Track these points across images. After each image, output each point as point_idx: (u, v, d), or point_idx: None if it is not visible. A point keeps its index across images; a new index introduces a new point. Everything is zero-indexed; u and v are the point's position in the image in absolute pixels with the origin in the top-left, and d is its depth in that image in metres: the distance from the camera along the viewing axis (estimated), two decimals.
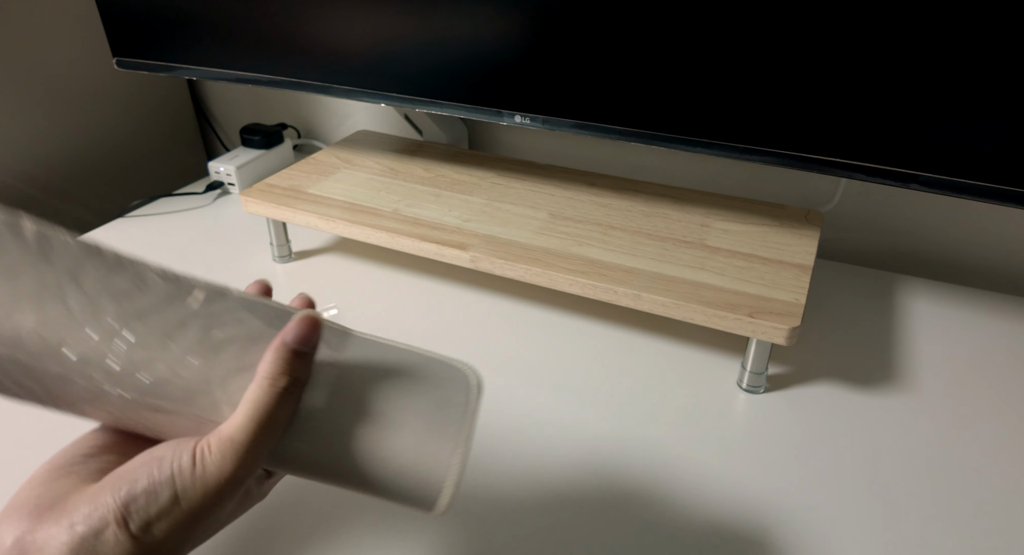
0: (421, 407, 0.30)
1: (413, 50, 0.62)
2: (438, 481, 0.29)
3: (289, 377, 0.27)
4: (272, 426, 0.27)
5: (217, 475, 0.25)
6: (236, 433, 0.26)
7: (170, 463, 0.25)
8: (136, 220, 0.82)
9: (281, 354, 0.27)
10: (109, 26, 0.75)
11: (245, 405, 0.26)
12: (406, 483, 0.29)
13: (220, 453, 0.25)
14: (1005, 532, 0.44)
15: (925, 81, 0.47)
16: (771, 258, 0.58)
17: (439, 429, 0.29)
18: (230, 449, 0.25)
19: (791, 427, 0.52)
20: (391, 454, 0.29)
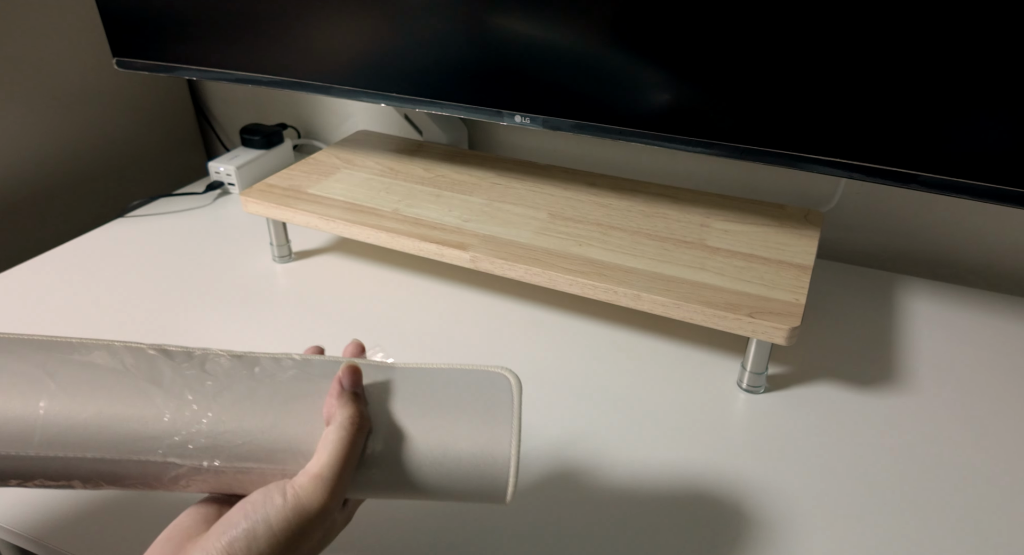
0: (471, 414, 0.33)
1: (413, 50, 0.62)
2: (502, 475, 0.32)
3: (359, 416, 0.32)
4: (352, 460, 0.31)
5: (311, 506, 0.30)
6: (324, 470, 0.30)
7: (263, 504, 0.29)
8: (136, 220, 0.82)
9: (348, 398, 0.32)
10: (109, 26, 0.75)
11: (328, 446, 0.31)
12: (474, 484, 0.32)
13: (313, 487, 0.30)
14: (1005, 532, 0.44)
15: (925, 81, 0.47)
16: (771, 258, 0.58)
17: (491, 429, 0.32)
18: (321, 484, 0.30)
19: (791, 427, 0.52)
20: (455, 462, 0.32)
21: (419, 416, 0.33)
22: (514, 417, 0.33)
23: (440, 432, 0.32)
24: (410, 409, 0.33)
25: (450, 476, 0.32)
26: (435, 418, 0.33)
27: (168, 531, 0.31)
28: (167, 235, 0.78)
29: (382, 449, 0.32)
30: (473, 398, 0.33)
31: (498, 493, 0.32)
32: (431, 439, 0.32)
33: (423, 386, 0.34)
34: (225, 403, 0.32)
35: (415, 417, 0.33)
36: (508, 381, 0.34)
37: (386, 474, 0.32)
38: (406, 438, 0.32)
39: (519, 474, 0.32)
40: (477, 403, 0.33)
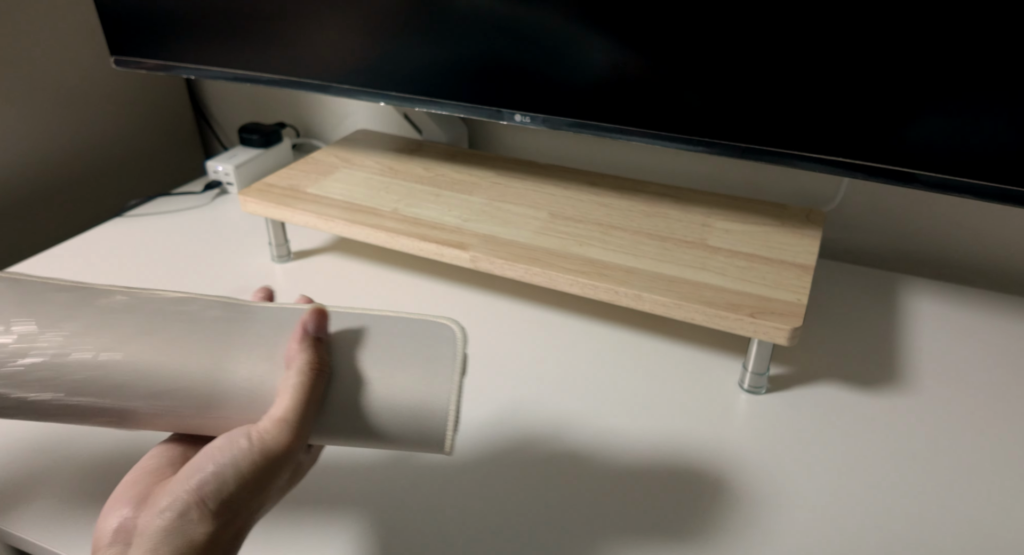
0: (416, 364, 0.34)
1: (413, 49, 0.62)
2: (441, 426, 0.33)
3: (320, 361, 0.32)
4: (314, 403, 0.32)
5: (277, 449, 0.30)
6: (287, 413, 0.31)
7: (229, 448, 0.30)
8: (134, 219, 0.82)
9: (309, 343, 0.33)
10: (107, 25, 0.74)
11: (290, 390, 0.31)
12: (415, 433, 0.34)
13: (277, 430, 0.30)
14: (1006, 531, 0.43)
15: (927, 81, 0.47)
16: (773, 258, 0.57)
17: (433, 380, 0.34)
18: (285, 427, 0.30)
19: (793, 428, 0.51)
20: (398, 411, 0.33)
21: (372, 365, 0.34)
22: (455, 370, 0.34)
23: (389, 382, 0.33)
24: (364, 357, 0.34)
25: (398, 426, 0.33)
26: (385, 368, 0.34)
27: (133, 473, 0.31)
28: (165, 234, 0.78)
29: (338, 396, 0.33)
30: (420, 348, 0.34)
31: (437, 442, 0.34)
32: (381, 389, 0.33)
33: (375, 334, 0.35)
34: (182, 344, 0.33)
35: (368, 366, 0.34)
36: (453, 332, 0.35)
37: (341, 421, 0.33)
38: (360, 387, 0.33)
39: (458, 425, 0.34)
40: (422, 354, 0.34)
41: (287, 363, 0.33)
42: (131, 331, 0.33)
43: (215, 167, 0.86)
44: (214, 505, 0.29)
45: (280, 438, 0.30)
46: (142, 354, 0.32)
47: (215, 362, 0.33)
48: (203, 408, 0.32)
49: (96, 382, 0.32)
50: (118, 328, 0.33)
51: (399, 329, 0.35)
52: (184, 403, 0.32)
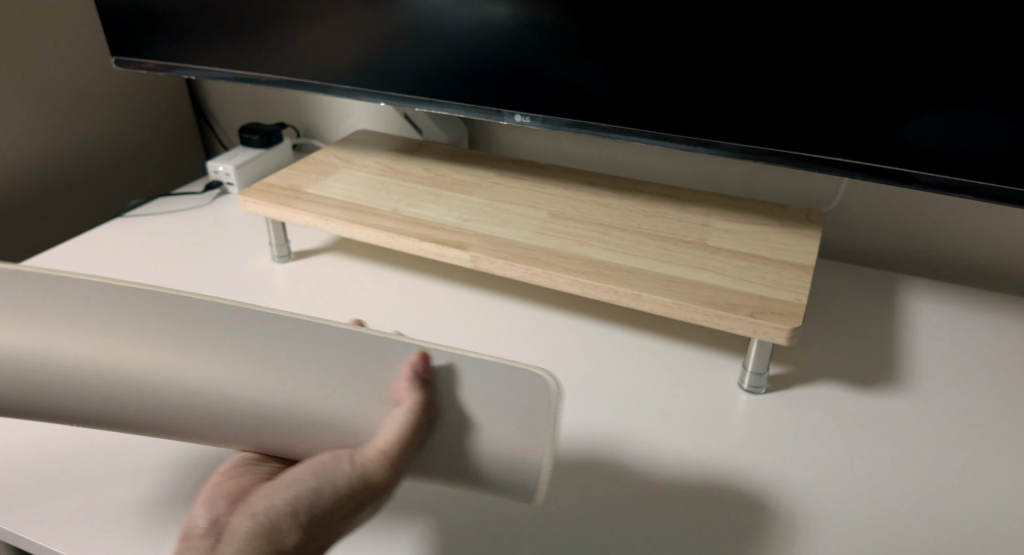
0: (513, 414, 0.35)
1: (413, 49, 0.62)
2: (533, 476, 0.34)
3: (428, 403, 0.33)
4: (416, 443, 0.32)
5: (376, 479, 0.31)
6: (391, 447, 0.31)
7: (331, 467, 0.30)
8: (134, 219, 0.82)
9: (419, 384, 0.34)
10: (107, 25, 0.74)
11: (396, 426, 0.32)
12: (507, 480, 0.34)
13: (379, 461, 0.31)
14: (1005, 531, 0.43)
15: (926, 81, 0.47)
16: (772, 258, 0.57)
17: (530, 432, 0.34)
18: (386, 460, 0.31)
19: (793, 427, 0.51)
20: (495, 459, 0.34)
21: (472, 411, 0.35)
22: (551, 424, 0.34)
23: (489, 429, 0.34)
24: (464, 402, 0.35)
25: (492, 474, 0.34)
26: (484, 414, 0.34)
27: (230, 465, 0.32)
28: (166, 235, 0.78)
29: (439, 437, 0.34)
30: (517, 397, 0.35)
31: (528, 494, 0.34)
32: (480, 435, 0.34)
33: (473, 378, 0.35)
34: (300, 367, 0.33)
35: (468, 411, 0.34)
36: (548, 385, 0.35)
37: (439, 462, 0.34)
38: (460, 431, 0.34)
39: (549, 479, 0.34)
40: (519, 403, 0.35)
41: (396, 400, 0.33)
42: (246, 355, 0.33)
43: (216, 167, 0.86)
44: (306, 519, 0.29)
45: (380, 469, 0.31)
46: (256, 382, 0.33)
47: (322, 392, 0.33)
48: (306, 434, 0.33)
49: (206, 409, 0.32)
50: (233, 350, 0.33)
51: (497, 375, 0.35)
52: (290, 428, 0.33)
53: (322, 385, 0.33)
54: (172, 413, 0.32)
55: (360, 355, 0.35)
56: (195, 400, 0.32)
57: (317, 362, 0.34)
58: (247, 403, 0.33)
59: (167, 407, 0.32)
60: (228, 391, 0.33)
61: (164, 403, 0.32)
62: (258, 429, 0.33)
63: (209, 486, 0.31)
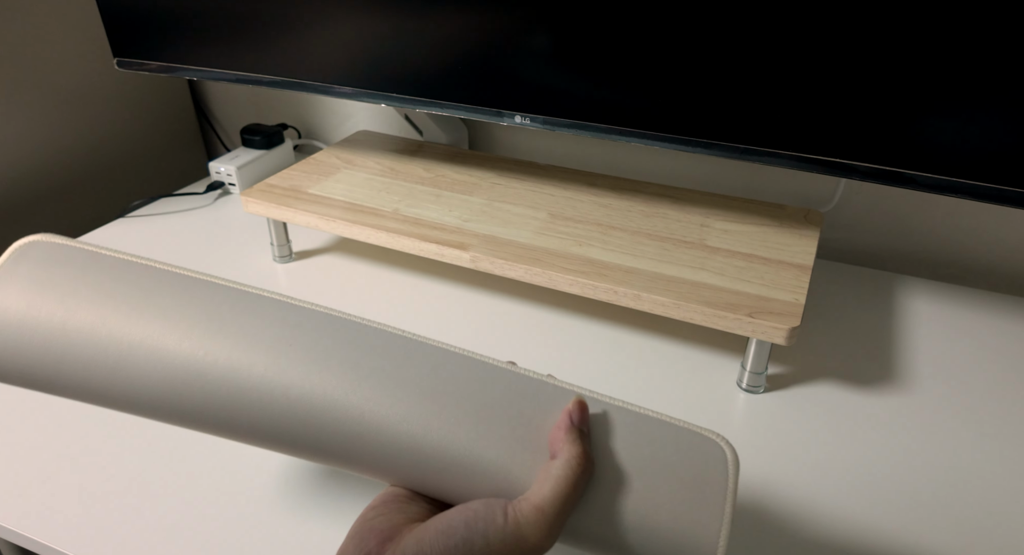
0: (681, 482, 0.31)
1: (413, 50, 0.62)
2: None
3: (587, 457, 0.30)
4: (574, 501, 0.30)
5: (529, 536, 0.29)
6: (545, 504, 0.29)
7: (483, 518, 0.29)
8: (137, 220, 0.82)
9: (577, 436, 0.31)
10: (110, 26, 0.75)
11: (553, 481, 0.29)
12: None
13: (534, 518, 0.29)
14: (1005, 531, 0.44)
15: (924, 81, 0.47)
16: (771, 258, 0.58)
17: (700, 507, 0.30)
18: (540, 517, 0.29)
19: (791, 427, 0.52)
20: (657, 532, 0.30)
21: (633, 473, 0.31)
22: (726, 500, 0.30)
23: (651, 496, 0.30)
24: (625, 461, 0.31)
25: (652, 548, 0.30)
26: (647, 479, 0.31)
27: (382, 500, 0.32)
28: (168, 235, 0.79)
29: (595, 498, 0.31)
30: (686, 464, 0.31)
31: None
32: (641, 503, 0.30)
33: (635, 436, 0.32)
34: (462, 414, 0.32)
35: (629, 473, 0.31)
36: (724, 454, 0.31)
37: (593, 526, 0.31)
38: (619, 494, 0.31)
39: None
40: (689, 471, 0.31)
41: (552, 451, 0.31)
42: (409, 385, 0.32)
43: (217, 168, 0.87)
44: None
45: (534, 526, 0.29)
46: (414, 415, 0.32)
47: (476, 433, 0.31)
48: (457, 476, 0.31)
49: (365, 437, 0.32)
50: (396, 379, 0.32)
51: (663, 435, 0.32)
52: (441, 467, 0.31)
53: (477, 424, 0.31)
54: (332, 437, 0.32)
55: (516, 397, 0.32)
56: (355, 427, 0.31)
57: (474, 400, 0.32)
58: (404, 436, 0.31)
59: (328, 431, 0.31)
60: (388, 421, 0.31)
61: (326, 427, 0.31)
62: (411, 465, 0.31)
63: (360, 521, 0.30)
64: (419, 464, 0.31)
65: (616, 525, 0.30)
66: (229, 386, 0.32)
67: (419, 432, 0.31)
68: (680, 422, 0.33)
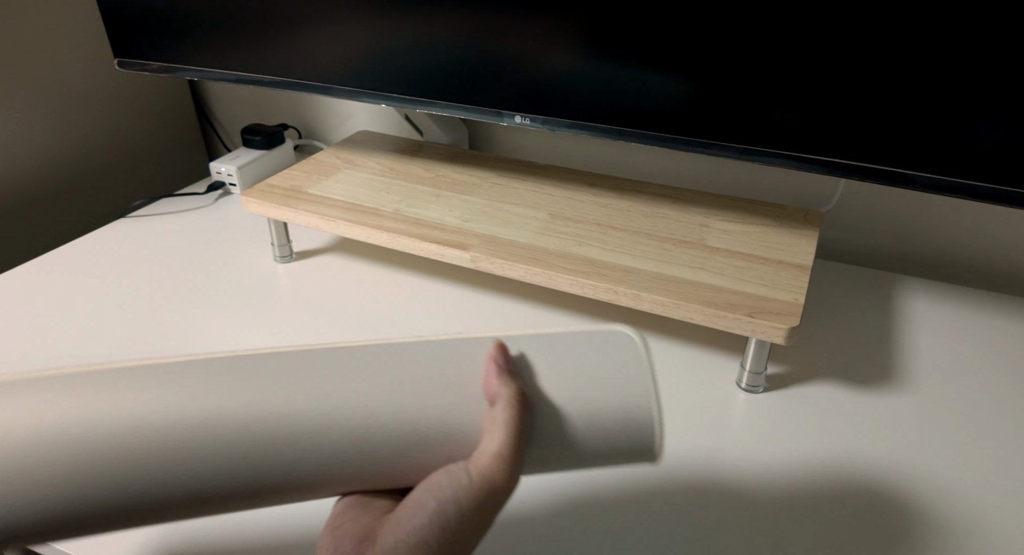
0: (607, 378, 0.33)
1: (414, 51, 0.63)
2: (648, 434, 0.33)
3: (523, 393, 0.32)
4: (525, 436, 0.31)
5: (498, 484, 0.30)
6: (502, 449, 0.30)
7: (449, 486, 0.29)
8: (137, 220, 0.82)
9: (506, 378, 0.32)
10: (110, 27, 0.75)
11: (501, 426, 0.31)
12: (622, 447, 0.33)
13: (497, 466, 0.30)
14: (1003, 530, 0.44)
15: (924, 81, 0.47)
16: (770, 258, 0.58)
17: (630, 391, 0.33)
18: (502, 463, 0.30)
19: (790, 427, 0.52)
20: (604, 430, 0.33)
21: (565, 388, 0.33)
22: (647, 375, 0.33)
23: (587, 402, 0.33)
24: (554, 381, 0.33)
25: (605, 445, 0.33)
26: (578, 388, 0.33)
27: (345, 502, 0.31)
28: (168, 235, 0.79)
29: (541, 425, 0.33)
30: (604, 361, 0.33)
31: (647, 453, 0.33)
32: (581, 411, 0.33)
33: (555, 355, 0.34)
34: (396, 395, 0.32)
35: (562, 389, 0.33)
36: (630, 338, 0.34)
37: (549, 449, 0.33)
38: (560, 412, 0.33)
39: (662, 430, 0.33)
40: (609, 366, 0.33)
41: (490, 398, 0.32)
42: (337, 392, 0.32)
43: (218, 168, 0.87)
44: (437, 544, 0.28)
45: (499, 473, 0.30)
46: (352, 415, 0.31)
47: (415, 409, 0.32)
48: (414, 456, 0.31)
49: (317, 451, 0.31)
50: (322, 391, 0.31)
51: (576, 345, 0.34)
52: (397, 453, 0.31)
53: (412, 401, 0.32)
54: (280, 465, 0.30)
55: (438, 363, 0.33)
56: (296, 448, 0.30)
57: (402, 381, 0.32)
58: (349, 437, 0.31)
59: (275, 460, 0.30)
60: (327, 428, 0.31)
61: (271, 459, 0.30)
62: (363, 462, 0.31)
63: (328, 532, 0.30)
64: (371, 459, 0.31)
65: (567, 440, 0.33)
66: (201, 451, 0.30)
67: (360, 428, 0.31)
68: (586, 329, 0.34)
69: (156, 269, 0.72)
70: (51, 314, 0.65)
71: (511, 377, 0.32)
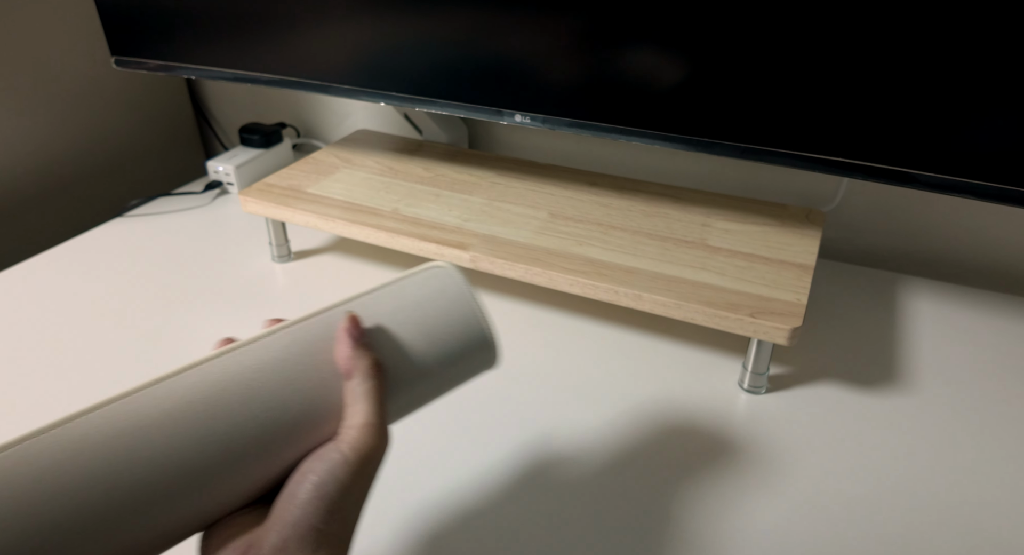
0: (436, 312, 0.37)
1: (413, 49, 0.62)
2: (488, 344, 0.37)
3: (375, 363, 0.33)
4: (385, 401, 0.33)
5: (371, 451, 0.31)
6: (368, 418, 0.31)
7: (323, 469, 0.30)
8: (135, 219, 0.82)
9: (360, 351, 0.33)
10: (108, 25, 0.74)
11: (363, 397, 0.32)
12: (468, 365, 0.37)
13: (367, 435, 0.31)
14: (1004, 531, 0.43)
15: (926, 81, 0.47)
16: (772, 258, 0.57)
17: (457, 314, 0.37)
18: (370, 430, 0.31)
19: (793, 427, 0.51)
20: (446, 357, 0.36)
21: (407, 329, 0.36)
22: (466, 292, 0.37)
23: (428, 335, 0.36)
24: (398, 326, 0.36)
25: (451, 371, 0.36)
26: (418, 325, 0.36)
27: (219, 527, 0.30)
28: (166, 234, 0.78)
29: (397, 379, 0.35)
30: (431, 296, 0.37)
31: (490, 362, 0.38)
32: (425, 343, 0.36)
33: (393, 304, 0.36)
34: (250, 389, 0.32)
35: (405, 331, 0.36)
36: (442, 269, 0.38)
37: (406, 399, 0.35)
38: (409, 362, 0.35)
39: (494, 332, 0.38)
40: (438, 298, 0.37)
41: (347, 372, 0.33)
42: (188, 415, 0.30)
43: (216, 167, 0.86)
44: (325, 524, 0.28)
45: (370, 439, 0.31)
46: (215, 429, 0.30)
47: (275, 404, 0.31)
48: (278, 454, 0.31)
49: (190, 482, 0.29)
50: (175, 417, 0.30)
51: (407, 290, 0.37)
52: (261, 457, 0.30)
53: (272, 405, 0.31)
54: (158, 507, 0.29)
55: (293, 352, 0.33)
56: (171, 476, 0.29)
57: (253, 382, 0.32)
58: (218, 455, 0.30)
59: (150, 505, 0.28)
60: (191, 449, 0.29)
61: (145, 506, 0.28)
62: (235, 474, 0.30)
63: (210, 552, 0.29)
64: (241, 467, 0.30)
65: (422, 375, 0.35)
66: None
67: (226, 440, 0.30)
68: (407, 272, 0.38)
69: (153, 268, 0.72)
70: (48, 313, 0.64)
71: (364, 349, 0.33)
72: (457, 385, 0.38)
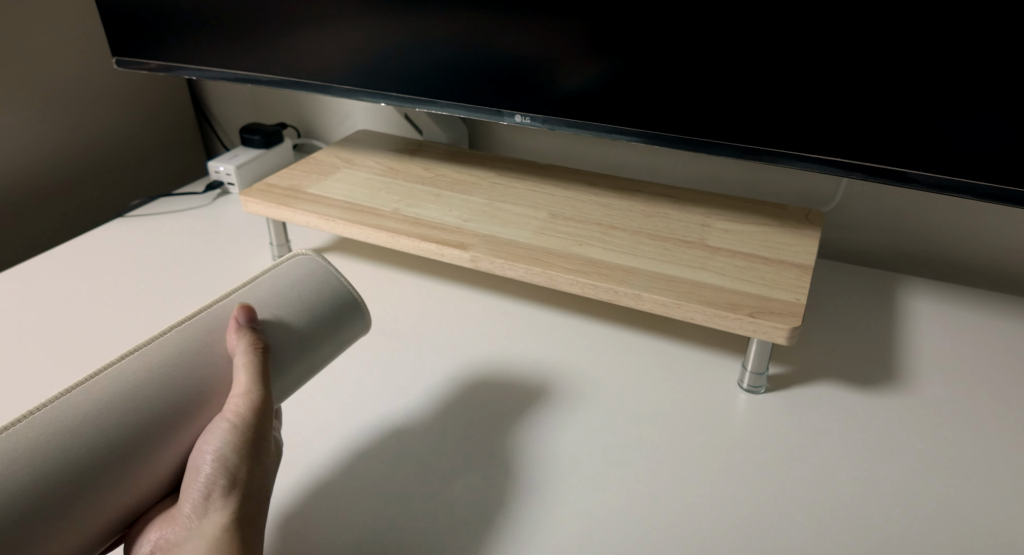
0: (308, 287, 0.42)
1: (413, 49, 0.62)
2: (360, 313, 0.44)
3: (257, 339, 0.37)
4: (267, 375, 0.36)
5: (253, 414, 0.34)
6: (248, 386, 0.35)
7: (216, 440, 0.32)
8: (136, 220, 0.82)
9: (240, 332, 0.37)
10: (108, 25, 0.74)
11: (241, 370, 0.35)
12: (346, 333, 0.43)
13: (247, 401, 0.34)
14: (1004, 530, 0.43)
15: (925, 81, 0.47)
16: (772, 258, 0.57)
17: (327, 293, 0.42)
18: (251, 395, 0.34)
19: (792, 427, 0.52)
20: (323, 326, 0.41)
21: (287, 315, 0.40)
22: (331, 274, 0.43)
23: (309, 316, 0.41)
24: (277, 314, 0.40)
25: (331, 335, 0.42)
26: (298, 309, 0.41)
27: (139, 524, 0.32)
28: (167, 235, 0.78)
29: (286, 352, 0.39)
30: (304, 278, 0.42)
31: (365, 326, 0.45)
32: (307, 324, 0.40)
33: (267, 294, 0.41)
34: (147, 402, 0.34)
35: (285, 317, 0.40)
36: (306, 256, 0.44)
37: (294, 374, 0.40)
38: (294, 335, 0.40)
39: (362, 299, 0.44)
40: (307, 280, 0.42)
41: (232, 354, 0.36)
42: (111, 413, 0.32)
43: (216, 167, 0.86)
44: (231, 484, 0.31)
45: (252, 404, 0.34)
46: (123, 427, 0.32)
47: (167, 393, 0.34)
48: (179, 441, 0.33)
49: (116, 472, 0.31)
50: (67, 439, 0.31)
51: (280, 277, 0.42)
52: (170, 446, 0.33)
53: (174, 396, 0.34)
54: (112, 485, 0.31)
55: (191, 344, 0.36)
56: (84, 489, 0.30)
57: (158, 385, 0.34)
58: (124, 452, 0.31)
59: None
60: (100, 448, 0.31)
61: None
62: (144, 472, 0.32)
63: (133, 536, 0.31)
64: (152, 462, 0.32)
65: (310, 351, 0.40)
66: None
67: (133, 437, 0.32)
68: (278, 261, 0.43)
69: (154, 269, 0.72)
70: (49, 313, 0.65)
71: (246, 329, 0.37)
72: (341, 350, 0.43)
